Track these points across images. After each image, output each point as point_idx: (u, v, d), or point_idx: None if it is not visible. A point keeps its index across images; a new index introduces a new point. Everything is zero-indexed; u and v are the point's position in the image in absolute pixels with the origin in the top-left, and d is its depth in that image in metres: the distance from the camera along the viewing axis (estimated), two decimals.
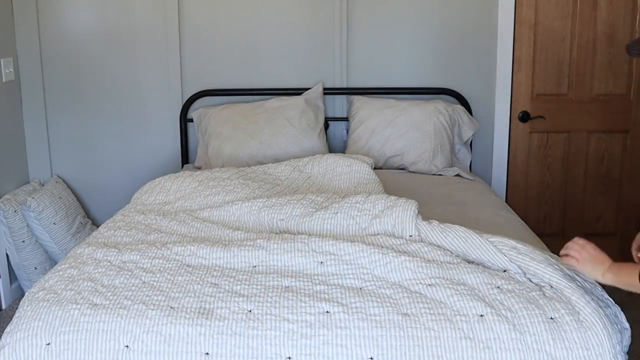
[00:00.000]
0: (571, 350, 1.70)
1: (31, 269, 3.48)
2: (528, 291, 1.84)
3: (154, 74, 3.67)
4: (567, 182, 3.73)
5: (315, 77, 3.65)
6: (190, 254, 2.14)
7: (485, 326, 1.73)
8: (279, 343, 1.73)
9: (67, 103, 3.70)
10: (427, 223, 2.17)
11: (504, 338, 1.71)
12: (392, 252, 2.00)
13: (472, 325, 1.73)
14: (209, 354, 1.72)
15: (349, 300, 1.83)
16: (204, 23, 3.62)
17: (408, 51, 3.62)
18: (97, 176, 3.79)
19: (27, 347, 1.77)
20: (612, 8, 3.54)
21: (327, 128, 3.67)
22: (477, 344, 1.69)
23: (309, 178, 2.92)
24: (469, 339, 1.70)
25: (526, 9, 3.57)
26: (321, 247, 2.08)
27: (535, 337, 1.71)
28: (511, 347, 1.69)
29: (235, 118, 3.49)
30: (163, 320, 1.78)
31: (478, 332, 1.72)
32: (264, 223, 2.40)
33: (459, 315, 1.76)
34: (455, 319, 1.75)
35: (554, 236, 3.67)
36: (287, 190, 2.76)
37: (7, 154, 3.53)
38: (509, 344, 1.70)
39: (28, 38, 3.60)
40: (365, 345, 1.71)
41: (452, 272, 1.93)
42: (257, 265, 2.07)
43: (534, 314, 1.76)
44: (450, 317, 1.75)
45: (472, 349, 1.69)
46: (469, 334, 1.71)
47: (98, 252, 2.18)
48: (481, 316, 1.75)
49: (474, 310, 1.77)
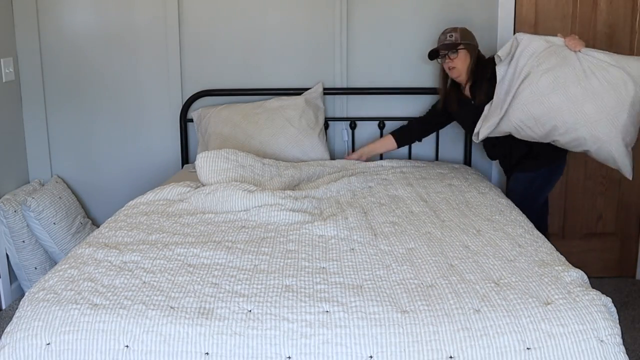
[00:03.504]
0: (566, 326, 1.75)
1: (31, 269, 3.49)
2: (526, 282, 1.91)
3: (154, 74, 3.67)
4: (567, 182, 3.73)
5: (315, 77, 3.65)
6: (193, 255, 2.17)
7: (482, 316, 1.78)
8: (279, 342, 1.73)
9: (67, 103, 3.70)
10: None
11: (500, 323, 1.76)
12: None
13: (468, 316, 1.78)
14: (209, 354, 1.73)
15: (348, 299, 1.85)
16: (204, 23, 3.62)
17: (408, 51, 3.62)
18: (97, 176, 3.79)
19: (27, 347, 1.77)
20: (612, 8, 3.54)
21: (327, 128, 3.67)
22: (474, 333, 1.74)
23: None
24: (466, 329, 1.74)
25: (526, 9, 3.57)
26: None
27: (531, 318, 1.77)
28: (507, 331, 1.74)
29: (235, 118, 3.49)
30: (163, 320, 1.78)
31: (474, 322, 1.76)
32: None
33: (456, 309, 1.80)
34: (453, 312, 1.79)
35: (554, 236, 3.67)
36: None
37: (7, 154, 3.53)
38: (504, 328, 1.74)
39: (28, 38, 3.60)
40: (364, 343, 1.72)
41: (451, 270, 2.01)
42: (258, 264, 2.10)
43: (528, 301, 1.83)
44: (447, 312, 1.79)
45: (469, 338, 1.73)
46: (466, 325, 1.75)
47: (99, 253, 2.18)
48: (477, 311, 1.80)
49: (470, 305, 1.82)
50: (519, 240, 2.28)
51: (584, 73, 2.68)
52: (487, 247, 2.23)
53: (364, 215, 2.59)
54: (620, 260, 3.83)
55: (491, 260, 2.11)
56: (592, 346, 1.73)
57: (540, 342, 1.73)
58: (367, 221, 2.52)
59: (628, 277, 3.83)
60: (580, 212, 3.77)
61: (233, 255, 2.18)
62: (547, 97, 2.70)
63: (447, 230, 2.40)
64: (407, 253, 2.19)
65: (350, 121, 3.66)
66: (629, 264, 3.83)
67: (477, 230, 2.39)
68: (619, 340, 1.76)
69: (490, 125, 2.88)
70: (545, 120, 2.73)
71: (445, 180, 3.09)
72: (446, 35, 3.11)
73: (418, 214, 2.60)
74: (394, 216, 2.58)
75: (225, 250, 2.21)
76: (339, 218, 2.53)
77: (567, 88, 2.68)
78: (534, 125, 2.77)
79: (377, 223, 2.49)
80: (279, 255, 2.18)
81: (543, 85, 2.72)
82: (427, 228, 2.43)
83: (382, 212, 2.63)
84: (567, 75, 2.69)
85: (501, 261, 2.10)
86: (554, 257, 2.14)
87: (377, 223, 2.49)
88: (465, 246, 2.24)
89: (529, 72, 2.75)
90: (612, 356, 1.72)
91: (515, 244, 2.25)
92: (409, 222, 2.50)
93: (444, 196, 2.84)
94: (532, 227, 2.46)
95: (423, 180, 3.09)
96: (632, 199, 3.75)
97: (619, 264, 3.83)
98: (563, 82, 2.69)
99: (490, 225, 2.44)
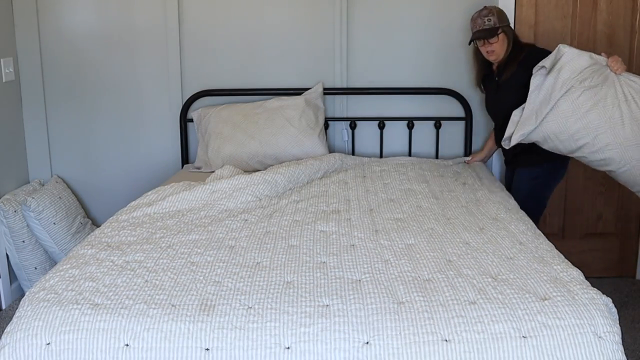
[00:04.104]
0: (563, 319, 1.76)
1: (31, 269, 3.48)
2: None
3: (154, 74, 3.67)
4: (567, 182, 3.73)
5: (315, 77, 3.65)
6: (196, 253, 2.19)
7: (477, 307, 1.80)
8: (279, 333, 1.75)
9: (67, 103, 3.70)
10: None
11: (495, 313, 1.78)
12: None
13: (463, 307, 1.80)
14: (209, 349, 1.73)
15: (347, 293, 1.88)
16: (204, 23, 3.62)
17: (408, 51, 3.62)
18: (97, 176, 3.79)
19: (27, 347, 1.77)
20: (612, 8, 3.54)
21: (327, 128, 3.67)
22: (469, 320, 1.76)
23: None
24: (461, 316, 1.77)
25: (526, 9, 3.57)
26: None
27: (527, 311, 1.79)
28: (502, 320, 1.76)
29: (235, 118, 3.49)
30: (164, 318, 1.79)
31: (470, 311, 1.78)
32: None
33: (451, 300, 1.83)
34: (448, 303, 1.82)
35: (554, 236, 3.67)
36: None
37: (7, 154, 3.53)
38: (500, 317, 1.76)
39: (28, 38, 3.60)
40: (362, 330, 1.74)
41: (449, 265, 2.05)
42: (260, 261, 2.12)
43: (525, 296, 1.85)
44: (443, 302, 1.82)
45: (464, 324, 1.75)
46: (461, 313, 1.78)
47: (100, 252, 2.19)
48: (473, 302, 1.82)
49: (466, 297, 1.85)
50: (521, 238, 2.29)
51: (624, 97, 2.71)
52: (487, 244, 2.24)
53: (369, 212, 2.62)
54: (620, 260, 3.83)
55: (490, 257, 2.12)
56: (589, 340, 1.73)
57: (537, 331, 1.74)
58: (372, 217, 2.54)
59: (628, 277, 3.83)
60: (580, 212, 3.77)
61: (236, 252, 2.20)
62: (586, 114, 2.72)
63: (450, 227, 2.43)
64: (407, 248, 2.21)
65: (350, 121, 3.66)
66: (629, 264, 3.83)
67: (480, 228, 2.41)
68: (617, 338, 1.76)
69: (524, 133, 2.86)
70: (579, 137, 2.74)
71: (460, 179, 3.12)
72: (484, 19, 3.04)
73: (425, 210, 2.63)
74: (400, 212, 2.60)
75: (228, 249, 2.23)
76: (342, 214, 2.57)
77: (606, 108, 2.70)
78: (567, 140, 2.78)
79: (381, 219, 2.52)
80: (281, 251, 2.20)
81: (582, 101, 2.72)
82: (430, 224, 2.45)
83: (388, 208, 2.66)
84: (607, 96, 2.71)
85: (500, 258, 2.12)
86: (554, 255, 2.14)
87: (381, 219, 2.52)
88: (465, 243, 2.26)
89: (571, 87, 2.75)
90: (610, 353, 1.72)
91: (517, 241, 2.26)
92: (413, 219, 2.52)
93: (455, 194, 2.87)
94: (534, 226, 2.47)
95: (440, 178, 3.13)
96: (632, 199, 3.74)
97: (619, 264, 3.83)
98: (603, 103, 2.70)
99: (494, 224, 2.46)
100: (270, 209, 2.68)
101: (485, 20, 3.04)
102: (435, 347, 1.71)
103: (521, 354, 1.70)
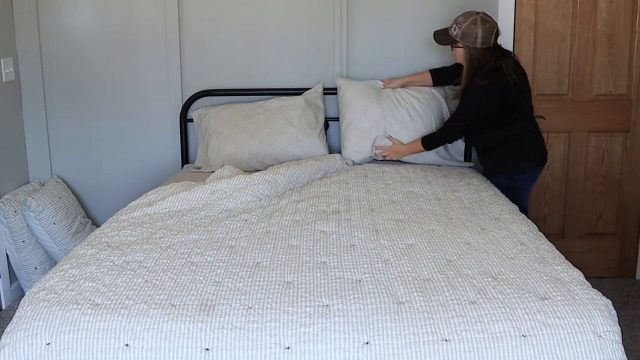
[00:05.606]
0: (563, 318, 1.76)
1: (31, 269, 3.48)
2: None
3: (154, 74, 3.67)
4: (567, 182, 3.73)
5: (315, 77, 3.65)
6: (196, 253, 2.19)
7: (477, 306, 1.80)
8: (279, 333, 1.75)
9: (67, 103, 3.70)
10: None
11: (495, 312, 1.78)
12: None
13: (463, 306, 1.81)
14: (209, 349, 1.73)
15: (347, 293, 1.89)
16: (204, 23, 3.62)
17: (408, 51, 3.62)
18: (97, 176, 3.79)
19: (27, 347, 1.77)
20: (612, 8, 3.54)
21: (327, 128, 3.67)
22: (468, 320, 1.76)
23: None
24: (460, 316, 1.77)
25: (526, 9, 3.57)
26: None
27: (527, 310, 1.79)
28: (502, 319, 1.76)
29: (235, 118, 3.49)
30: (164, 318, 1.78)
31: (469, 310, 1.79)
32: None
33: (451, 300, 1.83)
34: (448, 302, 1.82)
35: (554, 236, 3.67)
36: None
37: (7, 154, 3.53)
38: (499, 317, 1.77)
39: (28, 38, 3.60)
40: (362, 330, 1.75)
41: (449, 265, 2.05)
42: (260, 261, 2.13)
43: (525, 295, 1.85)
44: (443, 302, 1.82)
45: (464, 324, 1.75)
46: (461, 313, 1.78)
47: (100, 252, 2.19)
48: (473, 302, 1.82)
49: (466, 297, 1.85)
50: (522, 239, 2.29)
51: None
52: (488, 244, 2.24)
53: (369, 212, 2.62)
54: (620, 260, 3.83)
55: (491, 257, 2.12)
56: (589, 339, 1.73)
57: (536, 330, 1.74)
58: (372, 218, 2.54)
59: (628, 277, 3.83)
60: (580, 212, 3.77)
61: (236, 252, 2.20)
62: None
63: (451, 227, 2.42)
64: (407, 248, 2.21)
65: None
66: (629, 264, 3.83)
67: (481, 228, 2.41)
68: (618, 337, 1.76)
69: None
70: None
71: (464, 180, 3.11)
72: (454, 24, 3.04)
73: (426, 212, 2.62)
74: (401, 213, 2.60)
75: (228, 249, 2.24)
76: (343, 214, 2.57)
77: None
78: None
79: (381, 220, 2.52)
80: (281, 251, 2.20)
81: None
82: (431, 225, 2.45)
83: (390, 209, 2.66)
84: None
85: (501, 258, 2.12)
86: (555, 255, 2.14)
87: (382, 220, 2.52)
88: (466, 243, 2.26)
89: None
90: (611, 352, 1.72)
91: (518, 242, 2.26)
92: (414, 220, 2.52)
93: (459, 194, 2.86)
94: (536, 227, 2.46)
95: (444, 178, 3.13)
96: (632, 199, 3.75)
97: (619, 264, 3.83)
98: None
99: (495, 224, 2.45)
100: (271, 209, 2.68)
101: (454, 25, 3.04)
102: (435, 346, 1.71)
103: (521, 353, 1.70)
